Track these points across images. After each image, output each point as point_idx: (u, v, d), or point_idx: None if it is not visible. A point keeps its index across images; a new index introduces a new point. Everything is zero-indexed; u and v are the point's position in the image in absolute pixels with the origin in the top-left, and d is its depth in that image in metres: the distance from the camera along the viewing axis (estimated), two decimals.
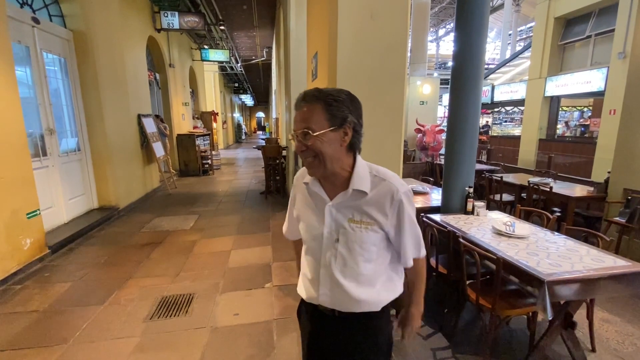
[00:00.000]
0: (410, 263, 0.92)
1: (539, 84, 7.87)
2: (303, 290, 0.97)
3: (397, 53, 1.84)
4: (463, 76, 2.37)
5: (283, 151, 5.92)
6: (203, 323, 2.17)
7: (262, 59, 14.61)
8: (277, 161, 5.82)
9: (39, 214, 3.18)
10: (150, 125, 5.93)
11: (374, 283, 0.89)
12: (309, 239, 0.92)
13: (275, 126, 11.00)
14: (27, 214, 3.01)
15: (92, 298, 2.50)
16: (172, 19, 6.61)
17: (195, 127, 9.66)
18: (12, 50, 2.92)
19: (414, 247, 0.91)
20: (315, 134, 0.78)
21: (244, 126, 14.85)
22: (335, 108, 0.79)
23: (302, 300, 1.00)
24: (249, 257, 3.22)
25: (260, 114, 41.91)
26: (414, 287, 1.00)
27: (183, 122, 8.69)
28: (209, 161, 8.46)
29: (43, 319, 2.24)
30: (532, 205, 3.45)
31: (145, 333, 2.07)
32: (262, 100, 33.31)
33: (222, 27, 8.21)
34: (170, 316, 2.25)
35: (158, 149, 6.07)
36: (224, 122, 16.69)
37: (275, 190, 5.96)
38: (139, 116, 5.61)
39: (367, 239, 0.85)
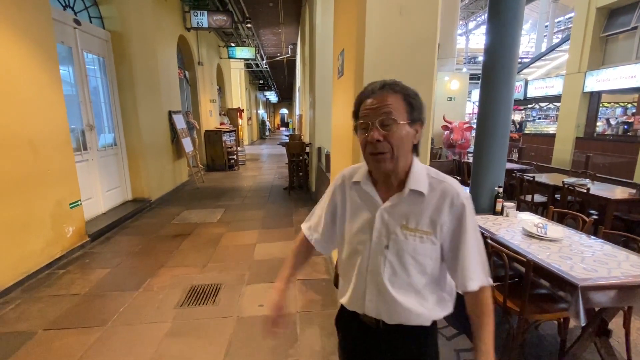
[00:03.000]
0: (473, 287, 0.77)
1: (577, 78, 7.42)
2: (346, 297, 0.88)
3: (426, 49, 1.81)
4: (495, 71, 2.29)
5: (307, 148, 5.96)
6: (229, 312, 2.26)
7: (287, 55, 14.72)
8: (301, 157, 5.88)
9: (80, 204, 3.41)
10: (180, 122, 6.17)
11: (426, 296, 0.80)
12: (355, 243, 0.84)
13: (298, 123, 11.08)
14: (70, 204, 3.24)
15: (128, 284, 2.66)
16: (201, 18, 6.80)
17: (222, 124, 9.92)
18: (57, 51, 3.13)
19: (479, 267, 0.78)
20: (401, 123, 0.73)
21: (268, 122, 15.09)
22: (414, 102, 0.76)
23: (343, 309, 0.92)
24: (273, 251, 3.30)
25: (284, 111, 42.31)
26: (479, 325, 0.79)
27: (210, 119, 8.96)
28: (235, 157, 8.67)
29: (84, 301, 2.42)
30: (567, 208, 3.29)
31: (176, 319, 2.18)
32: (286, 96, 33.60)
33: (248, 25, 8.33)
34: (199, 304, 2.35)
35: (187, 144, 6.31)
36: (249, 119, 17.01)
37: (298, 186, 6.03)
38: (170, 113, 5.85)
39: (421, 251, 0.77)
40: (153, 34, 5.17)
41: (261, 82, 19.90)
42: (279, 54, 15.26)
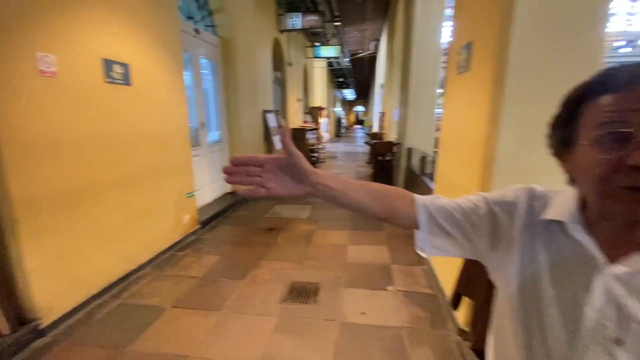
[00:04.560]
0: None
1: None
2: None
3: (594, 31, 1.49)
4: None
5: (394, 147, 5.74)
6: (331, 315, 2.24)
7: (369, 52, 14.50)
8: (386, 158, 5.68)
9: (194, 195, 3.82)
10: (271, 120, 6.52)
11: None
12: (536, 317, 0.53)
13: (379, 121, 10.81)
14: (187, 194, 3.65)
15: (234, 272, 2.86)
16: (295, 20, 7.06)
17: (305, 122, 10.26)
18: (182, 58, 3.53)
19: None
20: None
21: (344, 120, 15.16)
22: None
23: None
24: (365, 255, 3.21)
25: (359, 108, 42.05)
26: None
27: (296, 117, 9.32)
28: (317, 154, 8.87)
29: (201, 284, 2.68)
30: None
31: (282, 315, 2.25)
32: (363, 94, 33.34)
33: (337, 23, 8.38)
34: (301, 302, 2.40)
35: (277, 141, 6.64)
36: (327, 117, 17.30)
37: None
38: (264, 112, 6.21)
39: None
40: (254, 38, 5.53)
41: (340, 79, 20.04)
42: (360, 51, 15.13)
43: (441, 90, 4.74)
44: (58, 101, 2.10)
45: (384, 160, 5.64)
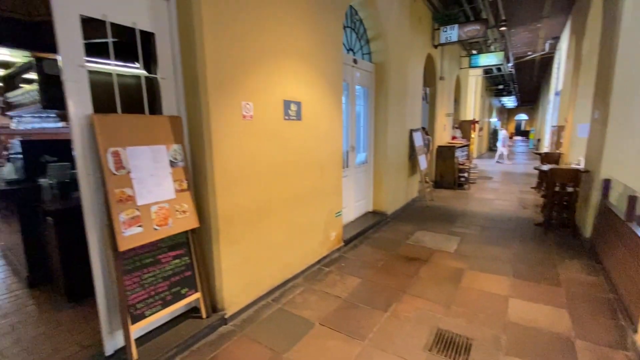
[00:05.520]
0: None
1: None
2: None
3: None
4: None
5: (582, 175, 4.50)
6: None
7: (542, 53, 12.10)
8: (568, 189, 4.51)
9: (341, 214, 4.07)
10: (418, 139, 6.29)
11: None
12: None
13: (554, 136, 8.79)
14: (336, 214, 3.92)
15: (376, 301, 2.86)
16: (450, 33, 6.63)
17: (453, 138, 9.45)
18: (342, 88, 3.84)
19: None
20: None
21: (502, 132, 12.99)
22: None
23: None
24: (535, 316, 2.61)
25: (522, 117, 35.73)
26: None
27: (444, 133, 8.70)
28: (466, 174, 7.99)
29: (344, 306, 2.79)
30: None
31: None
32: (528, 100, 28.14)
33: (503, 28, 7.37)
34: (449, 357, 2.15)
35: (422, 162, 6.35)
36: (480, 129, 15.41)
37: (559, 224, 4.68)
38: (411, 131, 6.06)
39: None
40: (407, 59, 5.49)
41: (500, 87, 17.53)
42: (530, 53, 12.82)
43: None
44: (252, 138, 2.63)
45: (564, 192, 4.50)
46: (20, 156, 3.23)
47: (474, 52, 9.86)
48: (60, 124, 4.38)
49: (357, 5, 4.53)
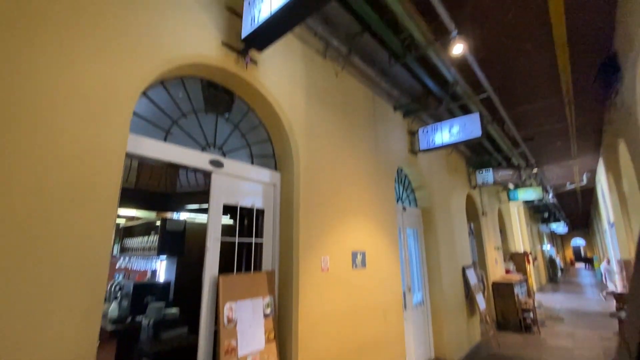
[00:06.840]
0: None
1: None
2: None
3: None
4: None
5: None
6: None
7: (582, 184, 12.40)
8: None
9: None
10: (472, 277, 6.23)
11: None
12: None
13: (623, 271, 8.13)
14: None
15: None
16: (486, 175, 7.38)
17: (507, 271, 9.06)
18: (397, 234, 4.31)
19: None
20: None
21: (558, 260, 12.08)
22: None
23: None
24: None
25: (579, 242, 33.22)
26: None
27: (496, 267, 8.46)
28: (532, 314, 7.29)
29: None
30: None
31: None
32: (580, 224, 26.78)
33: (534, 172, 8.05)
34: None
35: (480, 301, 6.10)
36: (535, 259, 14.52)
37: None
38: (463, 268, 6.10)
39: None
40: (449, 201, 6.08)
41: (545, 214, 17.30)
42: (568, 183, 13.17)
43: None
44: (327, 287, 3.00)
45: None
46: (126, 294, 3.82)
47: (511, 186, 10.43)
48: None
49: (403, 164, 5.49)
